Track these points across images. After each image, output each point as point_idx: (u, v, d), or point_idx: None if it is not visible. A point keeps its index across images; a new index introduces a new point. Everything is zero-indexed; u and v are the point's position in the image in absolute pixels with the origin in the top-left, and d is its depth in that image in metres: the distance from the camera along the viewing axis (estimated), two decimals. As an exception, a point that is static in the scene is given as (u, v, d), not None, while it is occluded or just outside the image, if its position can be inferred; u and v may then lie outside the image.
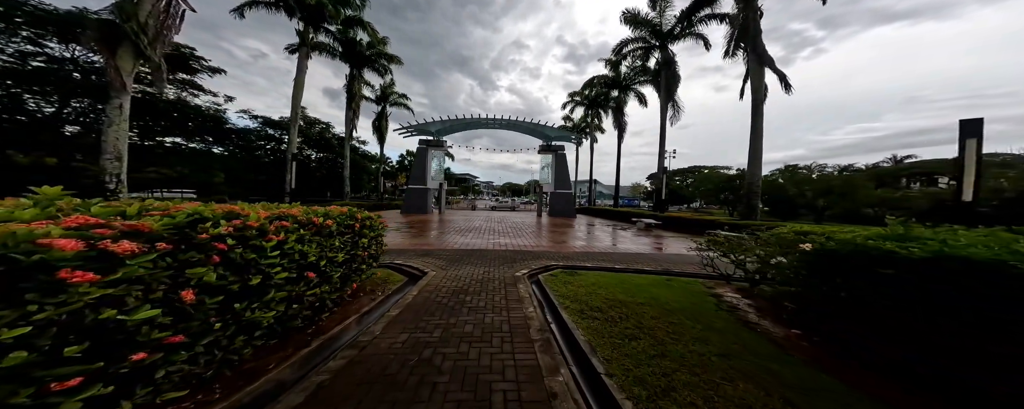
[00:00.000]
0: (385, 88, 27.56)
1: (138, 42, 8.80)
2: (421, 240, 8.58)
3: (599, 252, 7.50)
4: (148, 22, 9.06)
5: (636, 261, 6.42)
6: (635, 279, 4.80)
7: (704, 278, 5.00)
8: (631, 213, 18.11)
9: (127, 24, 8.65)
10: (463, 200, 50.74)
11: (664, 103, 17.80)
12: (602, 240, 9.75)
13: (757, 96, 10.72)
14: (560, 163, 22.05)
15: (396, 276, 4.76)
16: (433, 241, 8.51)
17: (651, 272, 5.44)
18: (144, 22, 8.97)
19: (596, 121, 30.92)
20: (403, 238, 8.81)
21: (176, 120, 15.19)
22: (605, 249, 8.01)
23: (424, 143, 21.22)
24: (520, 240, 9.17)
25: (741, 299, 3.98)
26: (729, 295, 4.14)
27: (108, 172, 8.78)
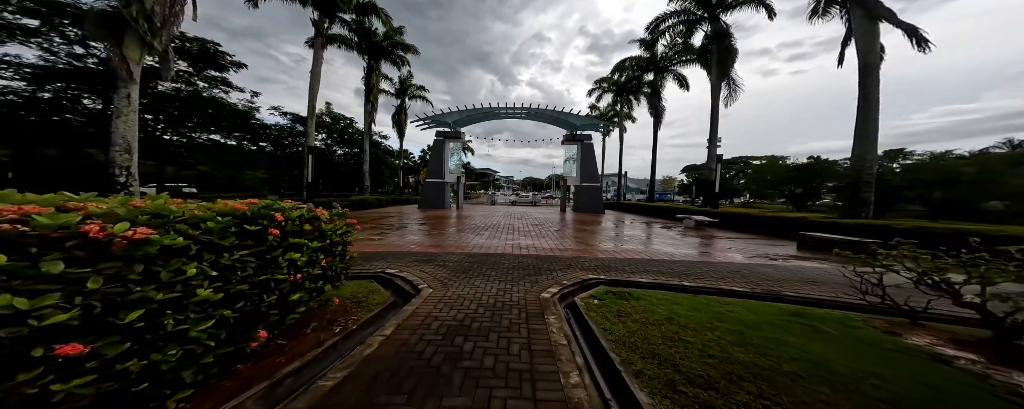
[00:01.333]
0: (404, 81, 26.98)
1: (142, 30, 8.40)
2: (429, 240, 7.43)
3: (649, 259, 5.86)
4: (153, 9, 8.63)
5: (712, 274, 4.74)
6: (737, 309, 3.16)
7: (860, 311, 3.25)
8: (673, 208, 15.89)
9: (130, 11, 8.23)
10: (483, 195, 49.98)
11: (716, 82, 15.23)
12: (646, 242, 8.03)
13: (868, 59, 8.16)
14: (587, 153, 20.11)
15: (378, 295, 3.55)
16: (443, 242, 7.33)
17: (755, 296, 3.78)
18: (150, 9, 8.55)
19: (626, 109, 28.31)
20: (410, 237, 7.73)
21: (211, 117, 15.35)
22: (656, 255, 6.34)
23: (441, 135, 20.25)
24: (544, 242, 7.73)
25: (984, 363, 2.22)
26: (948, 351, 2.41)
27: (118, 164, 8.50)
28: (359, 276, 4.15)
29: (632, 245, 7.51)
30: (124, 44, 8.49)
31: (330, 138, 27.42)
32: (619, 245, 7.48)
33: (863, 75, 8.27)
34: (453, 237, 8.01)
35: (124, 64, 8.51)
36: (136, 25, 8.26)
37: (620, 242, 7.93)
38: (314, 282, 2.66)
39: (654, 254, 6.43)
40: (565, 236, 8.76)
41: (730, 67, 14.82)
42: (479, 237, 8.10)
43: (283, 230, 2.27)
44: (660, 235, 9.39)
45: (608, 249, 6.87)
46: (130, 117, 8.68)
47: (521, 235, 8.68)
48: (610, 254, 6.31)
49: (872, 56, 8.17)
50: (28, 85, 11.93)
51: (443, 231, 9.11)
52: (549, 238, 8.30)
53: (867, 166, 8.18)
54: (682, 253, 6.56)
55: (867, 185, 8.19)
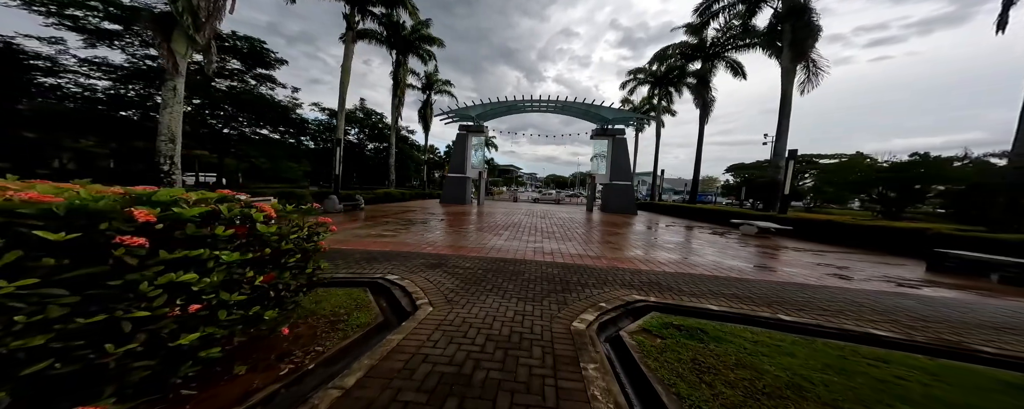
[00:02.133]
0: (429, 76, 26.92)
1: (187, 25, 8.70)
2: (444, 239, 6.78)
3: (711, 275, 4.70)
4: (199, 5, 8.88)
5: (819, 305, 3.53)
6: (907, 373, 2.04)
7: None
8: (724, 212, 13.99)
9: (177, 6, 8.52)
10: (505, 191, 49.44)
11: (789, 66, 12.99)
12: (698, 251, 6.75)
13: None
14: (619, 149, 18.54)
15: (365, 311, 2.84)
16: (458, 242, 6.64)
17: (920, 348, 2.58)
18: (195, 5, 8.81)
19: (664, 102, 25.93)
20: (425, 234, 7.15)
21: (259, 112, 16.14)
22: (719, 269, 5.13)
23: (464, 129, 19.76)
24: (572, 246, 6.75)
25: None
26: None
27: (163, 153, 8.84)
28: (352, 282, 3.52)
29: (681, 255, 6.29)
30: (172, 39, 8.80)
31: (362, 133, 28.25)
32: (665, 255, 6.29)
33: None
34: (470, 236, 7.31)
35: (172, 58, 8.81)
36: (182, 20, 8.50)
37: (664, 250, 6.72)
38: (240, 310, 1.77)
39: (716, 268, 5.20)
40: (595, 240, 7.70)
41: (810, 47, 12.49)
42: (498, 238, 7.31)
43: (161, 237, 1.47)
44: (714, 243, 7.97)
45: (652, 259, 5.74)
46: (175, 109, 8.98)
47: (545, 237, 7.76)
48: (656, 266, 5.19)
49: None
50: (115, 83, 12.51)
51: (461, 229, 8.46)
52: (577, 241, 7.29)
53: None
54: (755, 269, 5.26)
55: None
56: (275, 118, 16.42)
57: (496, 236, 7.54)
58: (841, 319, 3.06)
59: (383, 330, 2.56)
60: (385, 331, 2.52)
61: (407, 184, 29.82)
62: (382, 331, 2.54)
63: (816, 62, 12.81)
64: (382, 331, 2.54)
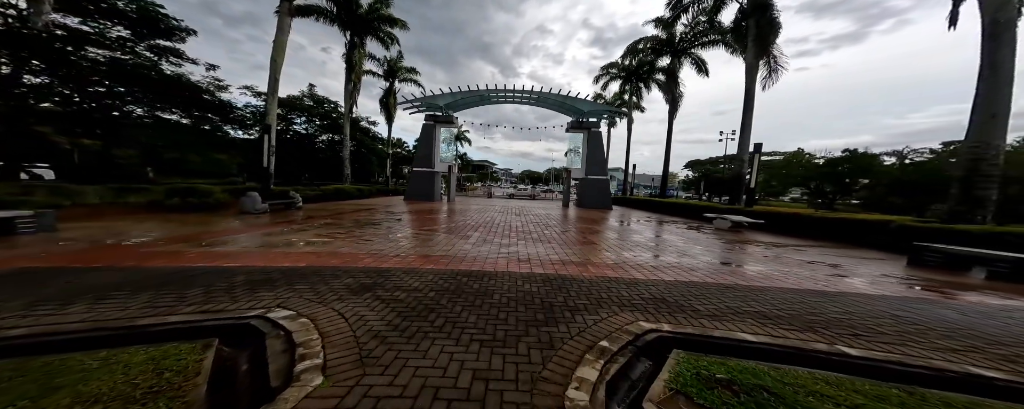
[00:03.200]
0: (392, 62, 24.52)
1: None
2: (395, 246, 5.41)
3: (716, 282, 3.91)
4: None
5: (862, 322, 2.78)
6: None
7: None
8: (695, 206, 13.96)
9: None
10: (479, 187, 47.89)
11: (753, 61, 13.08)
12: (686, 250, 6.07)
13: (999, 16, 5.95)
14: (594, 142, 18.05)
15: (164, 401, 1.50)
16: (413, 249, 5.31)
17: None
18: None
19: (635, 98, 26.12)
20: (367, 241, 5.70)
21: (162, 91, 12.94)
22: (720, 275, 4.38)
23: (431, 119, 18.04)
24: (552, 249, 5.74)
25: None
26: None
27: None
28: (189, 329, 2.11)
29: (672, 257, 5.53)
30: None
31: (313, 123, 25.00)
32: (655, 256, 5.50)
33: (990, 39, 6.21)
34: (430, 241, 6.00)
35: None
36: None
37: (651, 250, 5.96)
38: None
39: (715, 273, 4.46)
40: (576, 240, 6.78)
41: (772, 43, 12.68)
42: (465, 241, 6.09)
43: None
44: (697, 240, 7.43)
45: (643, 263, 4.89)
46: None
47: (520, 238, 6.67)
48: (653, 273, 4.33)
49: (1006, 11, 6.10)
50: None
51: (420, 231, 7.09)
52: (556, 243, 6.31)
53: (992, 154, 6.20)
54: (757, 273, 4.59)
55: (988, 180, 6.24)
56: (183, 100, 13.41)
57: (463, 239, 6.30)
58: (910, 348, 2.32)
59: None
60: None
61: (372, 180, 27.07)
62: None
63: (777, 58, 13.11)
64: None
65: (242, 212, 8.08)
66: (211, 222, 6.92)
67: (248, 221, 7.30)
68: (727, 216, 9.28)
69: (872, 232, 7.14)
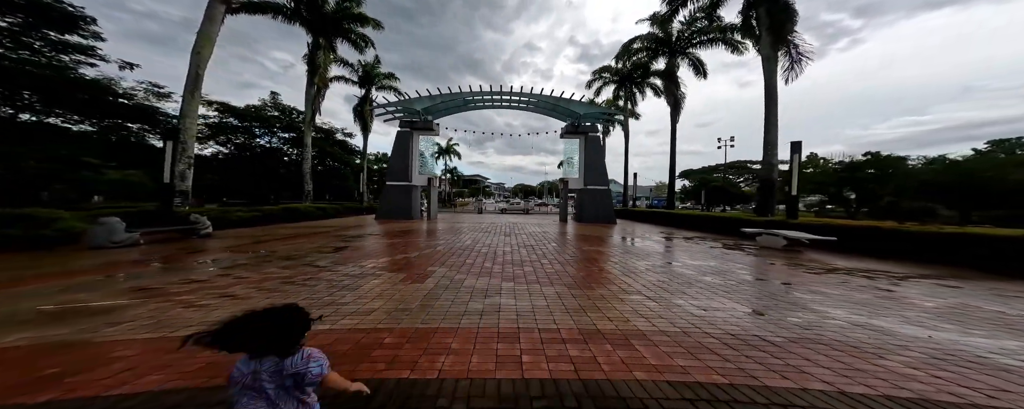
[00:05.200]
0: (368, 67, 22.62)
1: None
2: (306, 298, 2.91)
3: (905, 393, 1.53)
4: None
5: None
6: None
7: None
8: (719, 219, 11.86)
9: None
10: (471, 202, 45.50)
11: (770, 53, 11.44)
12: (776, 294, 3.76)
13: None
14: (592, 148, 16.09)
15: None
16: (335, 310, 2.80)
17: None
18: None
19: (629, 104, 24.71)
20: (238, 297, 3.20)
21: (48, 90, 10.29)
22: (881, 348, 2.03)
23: (407, 125, 15.85)
24: (557, 299, 3.37)
25: None
26: None
27: None
28: None
29: (784, 310, 3.18)
30: None
31: (275, 136, 22.50)
32: (754, 313, 3.13)
33: None
34: (356, 290, 3.51)
35: None
36: None
37: (726, 294, 3.62)
38: None
39: (880, 348, 2.11)
40: (589, 273, 4.40)
41: (790, 31, 11.11)
42: (416, 288, 3.64)
43: None
44: (769, 273, 5.16)
45: (746, 332, 2.52)
46: None
47: (507, 276, 4.26)
48: (790, 368, 1.93)
49: None
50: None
51: (357, 268, 4.60)
52: (561, 282, 3.92)
53: None
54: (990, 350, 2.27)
55: None
56: (79, 102, 10.78)
57: (413, 283, 3.87)
58: None
59: None
60: None
61: (352, 198, 24.24)
62: None
63: (799, 47, 11.53)
64: None
65: (93, 247, 5.44)
66: (12, 267, 4.32)
67: (81, 262, 4.70)
68: (778, 232, 7.07)
69: (1000, 251, 5.01)
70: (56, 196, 11.21)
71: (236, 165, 21.43)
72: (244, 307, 2.86)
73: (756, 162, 43.04)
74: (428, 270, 4.72)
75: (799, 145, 8.61)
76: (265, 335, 0.91)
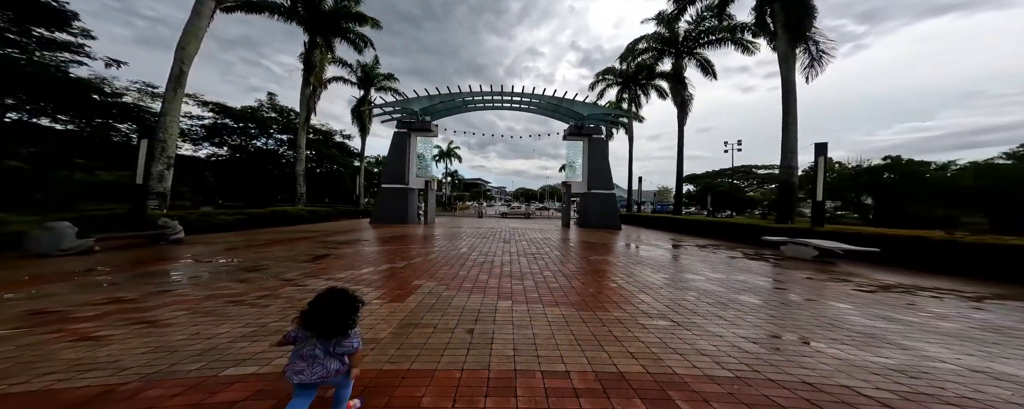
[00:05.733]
0: (368, 68, 22.26)
1: None
2: (187, 348, 2.26)
3: None
4: None
5: None
6: None
7: None
8: (734, 226, 11.13)
9: None
10: (472, 206, 44.90)
11: (787, 49, 10.81)
12: (840, 319, 3.06)
13: None
14: (597, 150, 15.46)
15: None
16: (222, 352, 2.15)
17: None
18: None
19: (633, 106, 24.17)
20: (161, 326, 2.55)
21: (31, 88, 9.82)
22: None
23: (404, 126, 15.31)
24: (560, 320, 2.64)
25: None
26: None
27: None
28: None
29: (836, 340, 2.48)
30: None
31: (271, 138, 22.02)
32: (799, 346, 2.43)
33: None
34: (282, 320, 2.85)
35: None
36: None
37: (767, 320, 2.93)
38: None
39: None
40: (605, 297, 3.71)
41: (808, 26, 10.47)
42: (396, 313, 2.95)
43: None
44: (813, 290, 4.46)
45: (812, 386, 1.81)
46: None
47: (505, 293, 3.58)
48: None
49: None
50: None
51: (330, 281, 3.94)
52: (569, 303, 3.23)
53: None
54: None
55: None
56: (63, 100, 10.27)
57: (394, 304, 3.19)
58: None
59: None
60: None
61: (352, 200, 23.63)
62: None
63: (819, 43, 10.90)
64: None
65: (38, 254, 4.81)
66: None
67: (14, 272, 4.06)
68: (807, 241, 6.34)
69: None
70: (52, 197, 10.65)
71: (233, 167, 20.96)
72: (153, 340, 1.99)
73: (762, 167, 42.29)
74: (413, 284, 4.05)
75: (825, 146, 7.92)
76: (332, 323, 1.24)
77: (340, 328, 1.28)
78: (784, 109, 10.69)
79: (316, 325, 1.24)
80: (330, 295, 1.29)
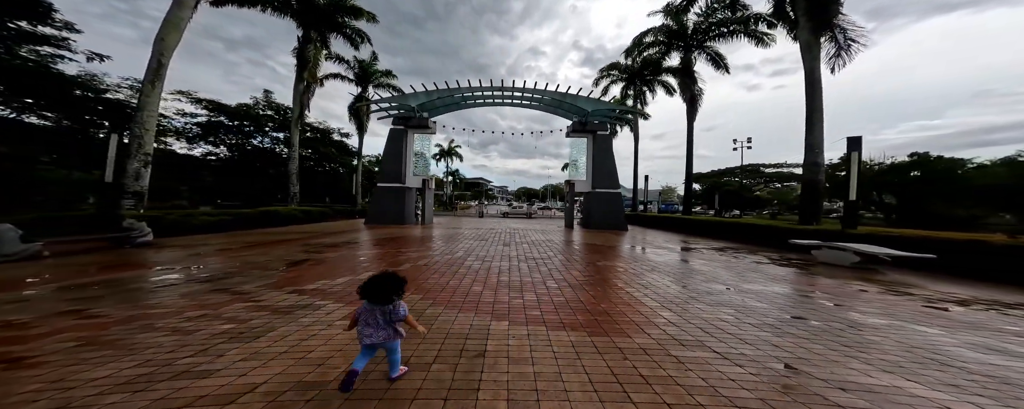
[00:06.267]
0: (365, 65, 21.73)
1: None
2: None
3: None
4: None
5: None
6: None
7: None
8: (752, 227, 10.38)
9: None
10: (473, 205, 44.31)
11: (811, 37, 9.93)
12: (960, 361, 2.37)
13: None
14: (602, 148, 14.74)
15: None
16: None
17: None
18: None
19: (638, 103, 23.39)
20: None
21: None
22: None
23: (400, 122, 14.71)
24: (595, 388, 1.98)
25: None
26: None
27: None
28: None
29: (970, 391, 1.78)
30: None
31: (267, 136, 21.56)
32: (917, 399, 1.72)
33: None
34: (238, 360, 2.20)
35: None
36: None
37: (842, 353, 2.23)
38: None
39: None
40: (622, 316, 3.04)
41: (834, 12, 9.63)
42: (352, 340, 2.30)
43: None
44: (883, 308, 3.75)
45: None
46: None
47: (496, 321, 2.92)
48: None
49: None
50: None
51: (276, 313, 3.30)
52: (578, 326, 2.57)
53: None
54: None
55: None
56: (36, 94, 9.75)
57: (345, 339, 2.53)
58: None
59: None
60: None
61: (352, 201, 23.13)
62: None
63: (846, 31, 10.05)
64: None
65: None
66: None
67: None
68: (846, 245, 5.59)
69: None
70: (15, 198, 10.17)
71: (231, 166, 20.53)
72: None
73: (770, 165, 41.23)
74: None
75: (859, 141, 7.13)
76: (382, 292, 1.71)
77: (388, 297, 1.71)
78: (808, 103, 9.89)
79: (371, 295, 1.69)
80: (380, 275, 1.75)
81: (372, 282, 1.71)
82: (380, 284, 1.69)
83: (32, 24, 10.31)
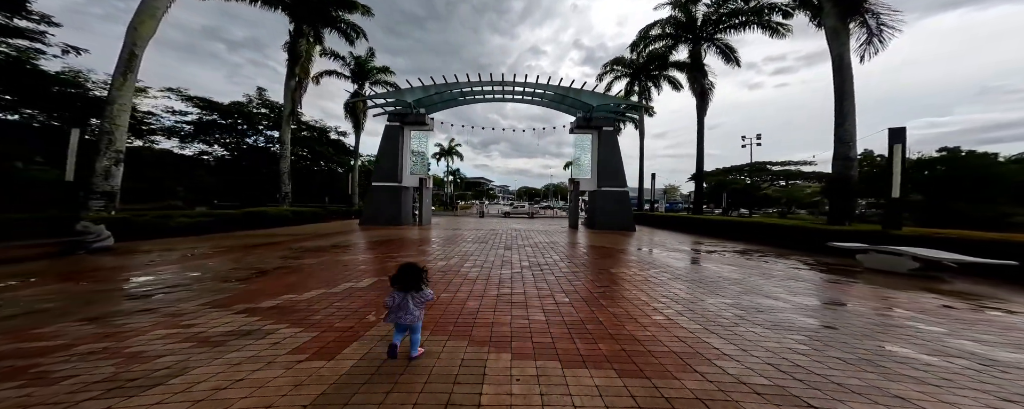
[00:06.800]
0: (362, 61, 21.11)
1: None
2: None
3: None
4: None
5: None
6: None
7: None
8: (775, 227, 9.64)
9: None
10: (474, 205, 43.66)
11: (838, 23, 9.08)
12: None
13: None
14: (607, 144, 14.02)
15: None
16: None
17: None
18: None
19: (643, 99, 22.64)
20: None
21: None
22: None
23: (397, 119, 14.05)
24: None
25: None
26: None
27: None
28: None
29: None
30: None
31: (261, 134, 20.98)
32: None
33: None
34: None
35: None
36: None
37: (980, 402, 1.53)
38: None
39: None
40: (652, 344, 2.33)
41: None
42: (309, 385, 1.61)
43: None
44: (979, 334, 3.04)
45: None
46: None
47: (494, 353, 2.22)
48: None
49: None
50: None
51: (211, 345, 2.63)
52: (600, 359, 1.86)
53: None
54: None
55: None
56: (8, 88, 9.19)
57: (317, 363, 1.86)
58: None
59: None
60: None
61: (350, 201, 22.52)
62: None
63: (879, 16, 9.24)
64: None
65: None
66: None
67: None
68: (902, 250, 4.80)
69: None
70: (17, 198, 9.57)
71: (227, 166, 19.96)
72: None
73: (777, 163, 40.28)
74: (364, 322, 2.72)
75: (902, 132, 6.34)
76: (413, 281, 2.05)
77: (416, 284, 2.07)
78: (837, 92, 9.10)
79: (401, 282, 2.05)
80: (408, 266, 2.11)
81: (402, 272, 2.06)
82: (410, 274, 2.05)
83: (6, 16, 9.75)
